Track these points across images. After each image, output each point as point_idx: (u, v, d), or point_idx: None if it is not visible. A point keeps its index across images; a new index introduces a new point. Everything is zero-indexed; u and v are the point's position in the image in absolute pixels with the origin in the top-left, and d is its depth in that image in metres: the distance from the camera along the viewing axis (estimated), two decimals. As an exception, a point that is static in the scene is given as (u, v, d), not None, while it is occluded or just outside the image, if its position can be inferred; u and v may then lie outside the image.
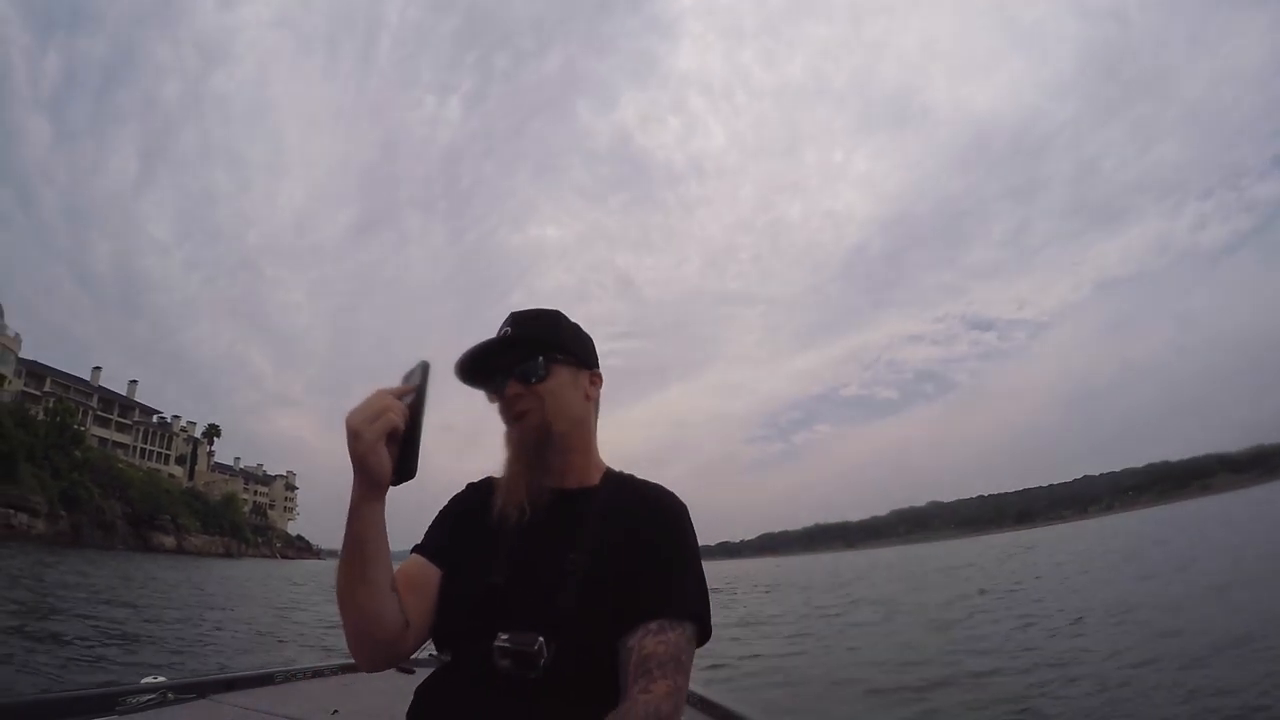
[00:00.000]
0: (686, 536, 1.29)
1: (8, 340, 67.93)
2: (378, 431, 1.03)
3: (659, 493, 1.34)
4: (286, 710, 2.44)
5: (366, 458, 1.02)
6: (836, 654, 11.21)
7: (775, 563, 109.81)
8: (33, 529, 48.62)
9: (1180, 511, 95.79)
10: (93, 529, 58.82)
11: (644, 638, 1.11)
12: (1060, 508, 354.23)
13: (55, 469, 55.84)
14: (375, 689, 2.72)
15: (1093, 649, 9.25)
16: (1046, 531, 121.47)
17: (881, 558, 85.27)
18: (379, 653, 1.18)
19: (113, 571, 27.79)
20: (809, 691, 8.53)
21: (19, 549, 35.07)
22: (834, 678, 9.08)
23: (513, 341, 1.31)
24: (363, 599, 1.11)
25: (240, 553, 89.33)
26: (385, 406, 1.05)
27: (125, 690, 2.35)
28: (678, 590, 1.20)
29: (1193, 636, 8.93)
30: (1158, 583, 16.02)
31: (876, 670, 9.26)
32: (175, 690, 2.43)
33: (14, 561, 26.03)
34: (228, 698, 2.54)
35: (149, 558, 50.36)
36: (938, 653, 10.22)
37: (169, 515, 75.21)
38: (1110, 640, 9.62)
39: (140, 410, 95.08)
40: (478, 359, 1.30)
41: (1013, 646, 10.17)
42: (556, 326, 1.37)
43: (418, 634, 1.21)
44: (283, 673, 2.90)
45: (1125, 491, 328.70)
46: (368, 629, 1.13)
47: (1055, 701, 6.91)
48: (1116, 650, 8.86)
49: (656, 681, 1.06)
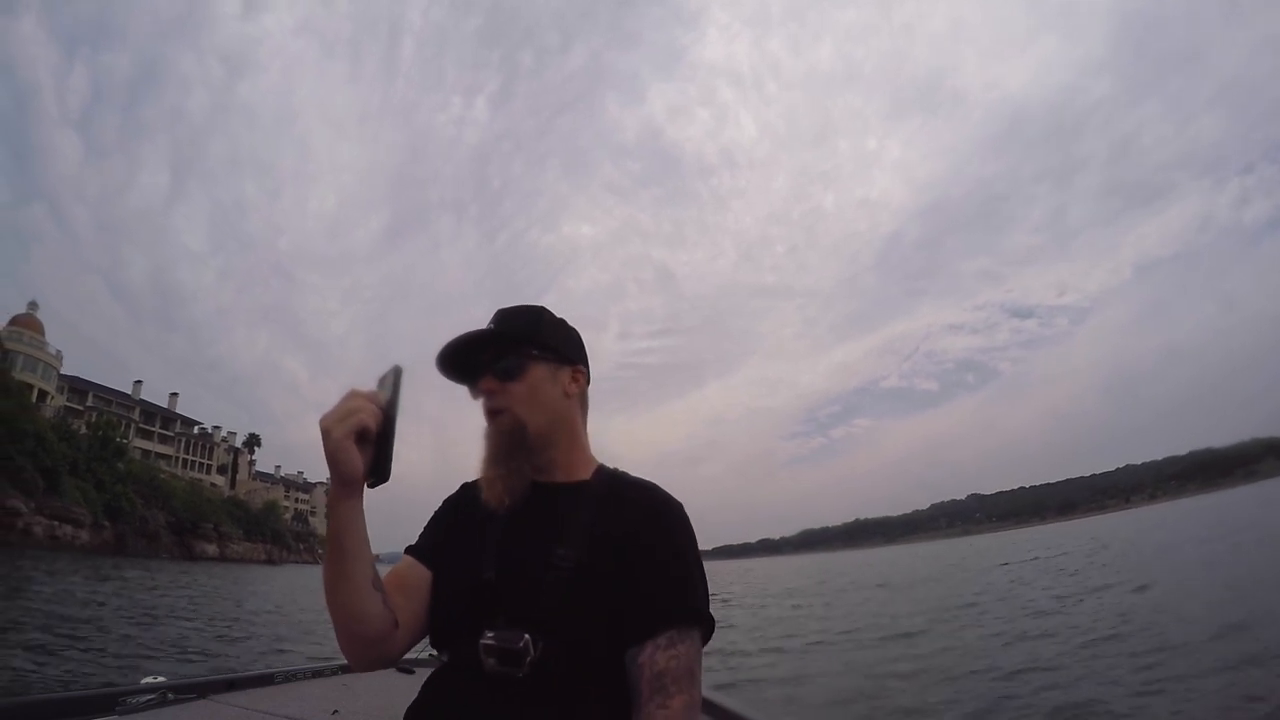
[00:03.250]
0: (682, 536, 1.26)
1: (49, 357, 69.62)
2: (346, 430, 1.05)
3: (652, 491, 1.31)
4: (286, 710, 2.44)
5: (336, 455, 1.05)
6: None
7: (866, 558, 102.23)
8: (77, 540, 49.80)
9: (1228, 499, 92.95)
10: (137, 538, 60.18)
11: (655, 653, 1.11)
12: (1103, 498, 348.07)
13: (99, 481, 57.18)
14: (375, 689, 2.71)
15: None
16: (1094, 522, 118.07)
17: (938, 551, 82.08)
18: (366, 651, 1.19)
19: (163, 578, 28.32)
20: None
21: (62, 558, 35.76)
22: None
23: (490, 337, 1.31)
24: (344, 596, 1.12)
25: (282, 559, 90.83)
26: (356, 407, 1.07)
27: (125, 690, 2.35)
28: (680, 595, 1.19)
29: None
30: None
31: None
32: (175, 690, 2.43)
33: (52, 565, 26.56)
34: (228, 698, 2.54)
35: (191, 565, 51.36)
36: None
37: (211, 523, 76.56)
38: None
39: (181, 422, 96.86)
40: (457, 353, 1.30)
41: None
42: (537, 322, 1.35)
43: (409, 634, 1.23)
44: (283, 673, 2.90)
45: (1168, 480, 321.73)
46: (352, 626, 1.15)
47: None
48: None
49: (673, 697, 1.08)
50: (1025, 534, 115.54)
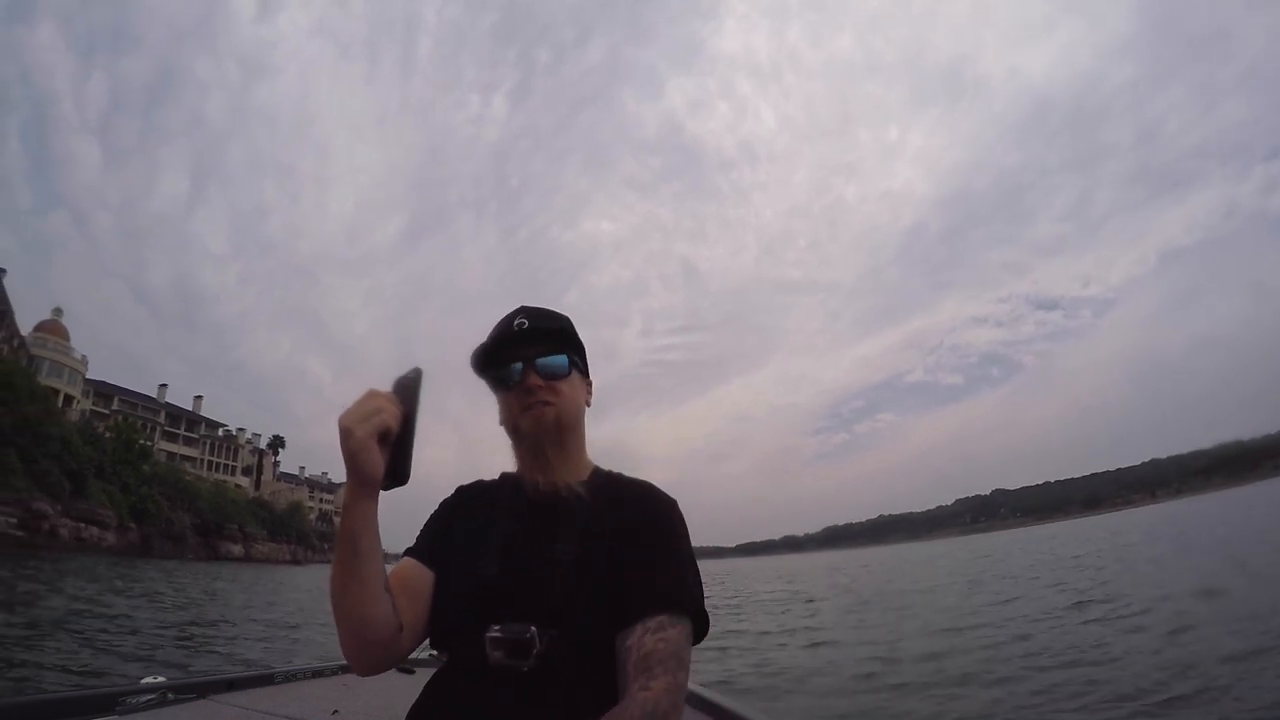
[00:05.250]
0: (676, 530, 1.29)
1: (74, 363, 70.66)
2: (369, 430, 1.04)
3: (648, 488, 1.36)
4: (286, 710, 2.43)
5: (357, 456, 1.04)
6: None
7: (889, 554, 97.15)
8: (103, 541, 50.49)
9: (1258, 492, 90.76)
10: (162, 540, 60.95)
11: (643, 635, 1.12)
12: (1127, 492, 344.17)
13: (125, 484, 58.02)
14: (375, 689, 2.70)
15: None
16: (1120, 517, 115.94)
17: (961, 547, 79.17)
18: (373, 655, 1.18)
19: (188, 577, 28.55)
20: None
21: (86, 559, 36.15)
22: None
23: (540, 334, 1.33)
24: (355, 599, 1.12)
25: (306, 559, 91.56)
26: (378, 407, 1.07)
27: (125, 690, 2.35)
28: (674, 585, 1.20)
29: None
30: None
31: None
32: (175, 690, 2.42)
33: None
34: (228, 698, 2.53)
35: (218, 564, 51.80)
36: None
37: (236, 524, 77.49)
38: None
39: (206, 424, 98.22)
40: (503, 345, 1.32)
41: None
42: (572, 329, 1.40)
43: (411, 637, 1.22)
44: (283, 673, 2.90)
45: (1194, 474, 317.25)
46: (361, 630, 1.14)
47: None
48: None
49: (656, 678, 1.07)
50: (1048, 529, 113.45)
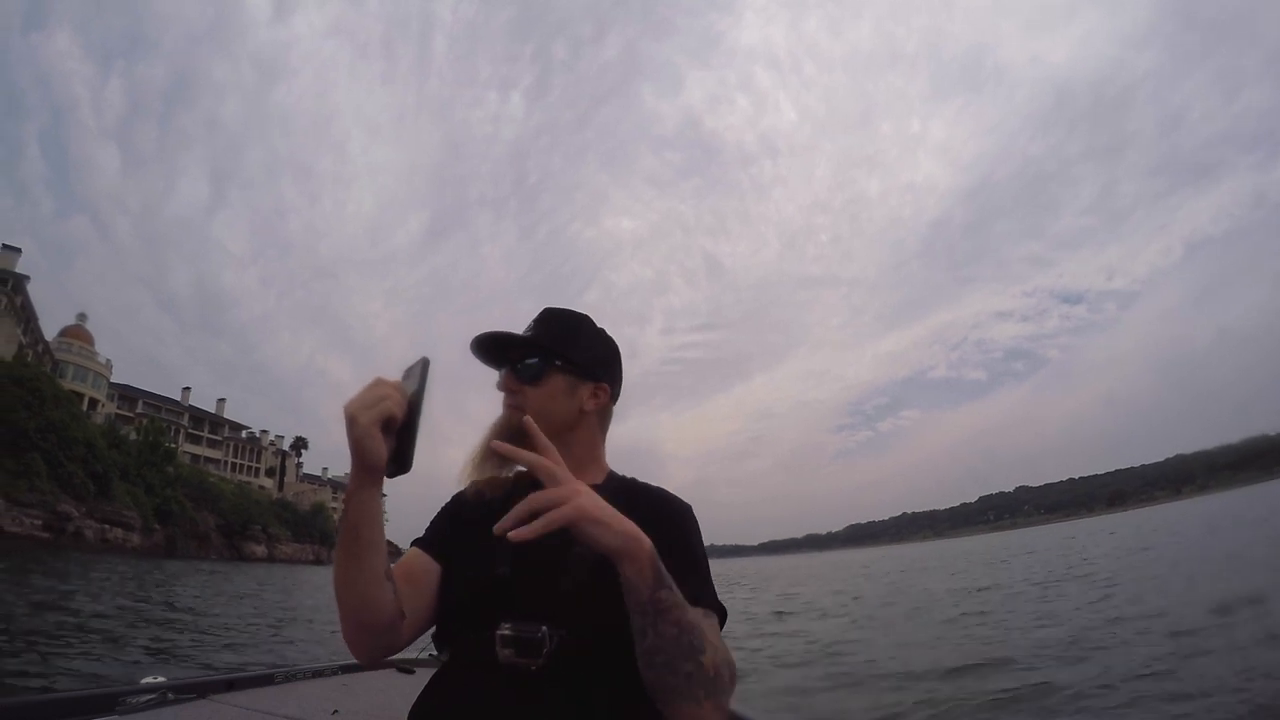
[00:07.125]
0: (692, 536, 1.30)
1: (99, 367, 71.76)
2: (373, 417, 1.04)
3: (662, 493, 1.37)
4: (286, 710, 2.40)
5: (361, 442, 1.03)
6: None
7: (924, 553, 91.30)
8: (128, 542, 51.23)
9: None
10: (187, 541, 61.83)
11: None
12: (1153, 489, 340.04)
13: (149, 485, 58.79)
14: (375, 689, 2.69)
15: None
16: (1148, 513, 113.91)
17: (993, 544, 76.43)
18: (374, 641, 1.18)
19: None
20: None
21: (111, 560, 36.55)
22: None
23: (521, 340, 1.36)
24: (358, 585, 1.12)
25: (329, 559, 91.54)
26: (383, 394, 1.06)
27: (125, 690, 2.33)
28: (699, 578, 1.21)
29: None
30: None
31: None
32: (175, 690, 2.40)
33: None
34: (228, 698, 2.51)
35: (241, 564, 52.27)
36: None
37: (260, 525, 78.39)
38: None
39: (229, 426, 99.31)
40: (498, 343, 1.37)
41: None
42: (575, 333, 1.40)
43: (413, 626, 1.22)
44: (283, 673, 2.88)
45: (1221, 470, 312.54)
46: (362, 616, 1.14)
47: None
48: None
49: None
50: (1074, 526, 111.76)
